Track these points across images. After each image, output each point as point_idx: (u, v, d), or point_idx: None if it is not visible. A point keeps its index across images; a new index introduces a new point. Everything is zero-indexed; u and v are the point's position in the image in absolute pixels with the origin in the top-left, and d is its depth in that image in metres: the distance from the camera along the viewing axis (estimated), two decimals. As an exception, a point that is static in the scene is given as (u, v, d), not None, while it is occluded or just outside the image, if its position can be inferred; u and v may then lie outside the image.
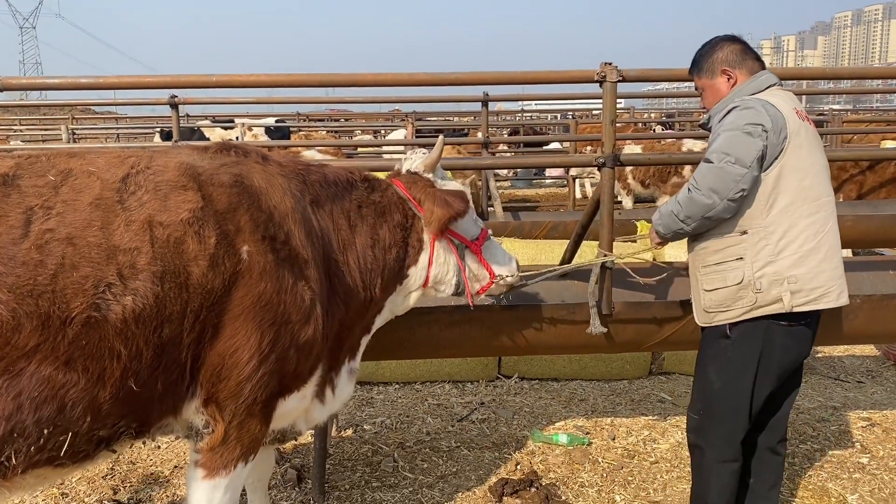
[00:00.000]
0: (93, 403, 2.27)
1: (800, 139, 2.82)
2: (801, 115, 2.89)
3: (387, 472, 4.08)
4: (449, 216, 3.08)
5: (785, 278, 2.81)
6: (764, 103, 2.82)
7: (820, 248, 2.81)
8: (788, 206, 2.80)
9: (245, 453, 2.68)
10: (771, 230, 2.81)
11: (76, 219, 2.28)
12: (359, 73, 3.43)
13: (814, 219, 2.81)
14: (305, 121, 17.18)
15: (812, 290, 2.81)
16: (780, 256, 2.81)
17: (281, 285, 2.57)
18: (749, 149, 2.76)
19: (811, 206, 2.81)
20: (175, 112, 6.57)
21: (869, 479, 4.00)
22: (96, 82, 3.29)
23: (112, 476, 3.98)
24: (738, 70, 2.99)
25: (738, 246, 2.87)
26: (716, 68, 3.03)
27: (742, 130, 2.78)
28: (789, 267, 2.80)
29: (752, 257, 2.84)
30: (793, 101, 2.94)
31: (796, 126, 2.82)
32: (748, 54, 3.02)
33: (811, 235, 2.80)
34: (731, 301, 2.91)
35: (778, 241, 2.80)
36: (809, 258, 2.80)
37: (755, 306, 2.86)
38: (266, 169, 2.80)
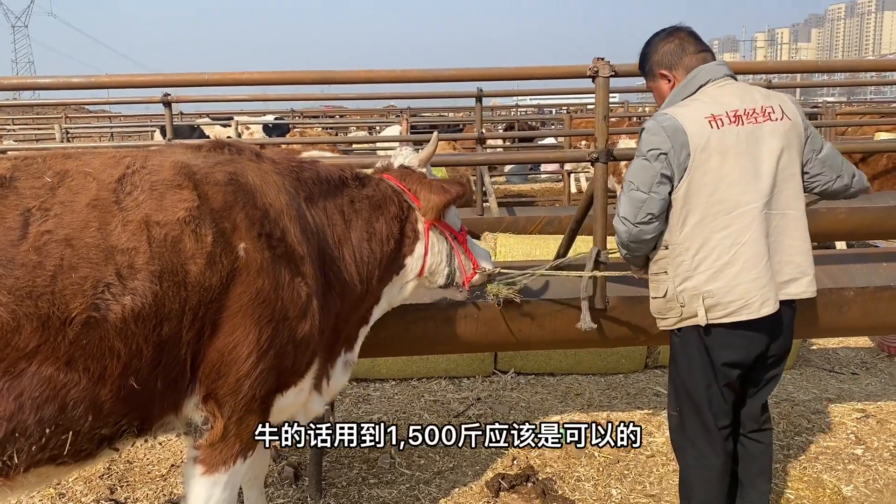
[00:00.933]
0: (94, 402, 2.29)
1: (708, 152, 2.74)
2: (720, 121, 2.76)
3: (384, 468, 4.09)
4: (447, 200, 3.16)
5: (701, 293, 2.81)
6: (665, 120, 2.78)
7: (735, 262, 2.77)
8: (700, 222, 2.79)
9: (244, 449, 2.69)
10: (686, 246, 2.82)
11: (73, 220, 2.29)
12: (351, 70, 3.43)
13: (727, 232, 2.76)
14: (300, 118, 17.15)
15: (729, 304, 2.79)
16: (696, 272, 2.81)
17: (278, 282, 2.58)
18: (646, 175, 2.81)
19: (723, 219, 2.76)
20: (168, 110, 6.56)
21: (864, 471, 4.02)
22: (88, 81, 3.29)
23: (109, 475, 3.99)
24: (674, 71, 2.95)
25: (663, 260, 2.92)
26: (654, 71, 3.01)
27: (641, 156, 2.84)
28: (705, 282, 2.80)
29: (673, 272, 2.87)
30: (719, 103, 2.80)
31: (704, 138, 2.74)
32: (685, 50, 2.94)
33: (725, 249, 2.77)
34: (665, 311, 2.97)
35: (693, 256, 2.81)
36: (724, 272, 2.77)
37: (682, 318, 2.90)
38: (260, 167, 2.81)
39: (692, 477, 3.08)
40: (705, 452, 3.01)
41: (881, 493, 3.80)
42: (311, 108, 18.77)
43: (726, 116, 2.78)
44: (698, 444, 3.02)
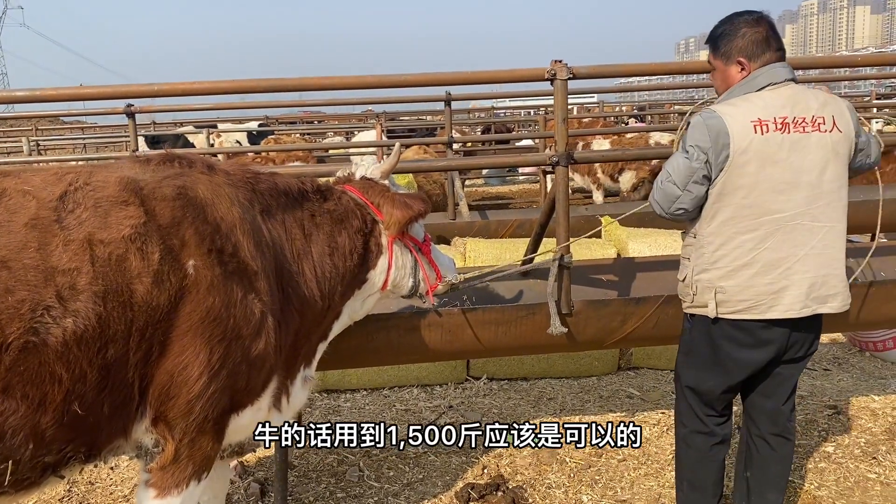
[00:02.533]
0: (35, 430, 2.20)
1: (747, 156, 2.75)
2: (766, 127, 2.74)
3: (352, 481, 4.02)
4: (409, 217, 3.10)
5: (715, 287, 2.90)
6: (710, 118, 2.80)
7: (753, 265, 2.83)
8: (728, 221, 2.84)
9: (197, 471, 2.61)
10: (710, 240, 2.89)
11: (10, 241, 2.20)
12: (305, 77, 3.36)
13: (751, 235, 2.82)
14: (275, 124, 17.03)
15: (739, 302, 2.88)
16: (714, 266, 2.90)
17: (230, 299, 2.51)
18: (684, 171, 2.86)
19: (750, 223, 2.81)
20: (132, 121, 6.45)
21: (834, 469, 4.00)
22: (32, 95, 3.19)
23: (69, 498, 3.89)
24: (753, 63, 2.88)
25: (689, 246, 3.02)
26: (732, 55, 2.92)
27: (682, 152, 2.88)
28: (720, 277, 2.89)
29: (695, 260, 2.97)
30: (770, 108, 2.77)
31: (746, 141, 2.74)
32: (770, 45, 2.88)
33: (746, 251, 2.83)
34: (683, 294, 3.08)
35: (714, 251, 2.88)
36: (740, 272, 2.85)
37: (692, 305, 3.03)
38: (212, 179, 2.73)
39: (681, 453, 3.26)
40: (694, 433, 3.17)
41: (852, 492, 3.78)
42: (288, 115, 18.64)
43: (773, 122, 2.76)
44: (689, 424, 3.18)
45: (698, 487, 3.19)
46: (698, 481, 3.19)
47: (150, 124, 13.95)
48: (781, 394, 3.11)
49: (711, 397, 3.11)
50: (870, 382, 5.27)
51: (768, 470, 3.17)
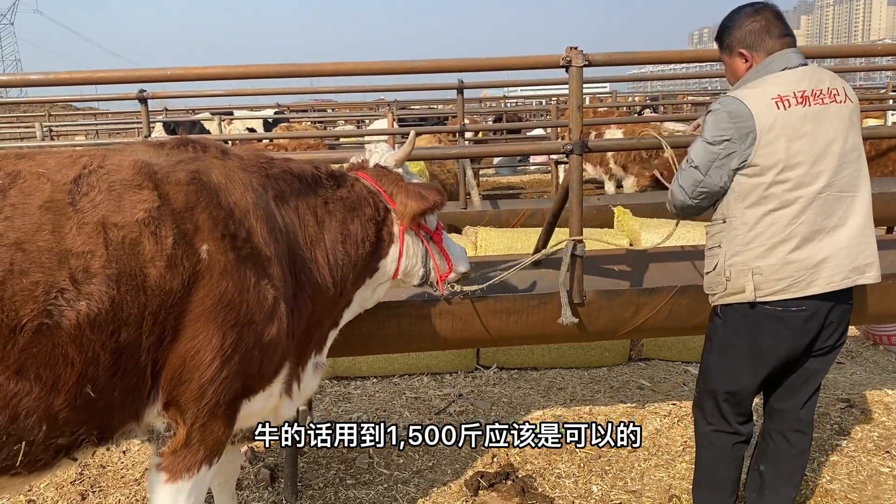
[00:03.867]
0: (48, 412, 2.21)
1: (774, 133, 2.74)
2: (787, 102, 2.76)
3: (362, 468, 4.02)
4: (423, 208, 3.07)
5: (750, 269, 2.84)
6: (730, 104, 2.79)
7: (789, 240, 2.79)
8: (761, 200, 2.81)
9: (209, 456, 2.61)
10: (743, 220, 2.85)
11: (25, 223, 2.20)
12: (316, 63, 3.35)
13: (785, 211, 2.78)
14: (287, 112, 17.02)
15: (778, 281, 2.82)
16: (748, 247, 2.84)
17: (243, 284, 2.50)
18: (706, 157, 2.86)
19: (784, 199, 2.78)
20: (144, 107, 6.45)
21: (847, 462, 3.97)
22: (46, 79, 3.19)
23: (81, 481, 3.91)
24: (754, 52, 2.90)
25: (720, 234, 2.95)
26: (733, 48, 2.95)
27: (705, 139, 2.87)
28: (755, 258, 2.83)
29: (727, 245, 2.91)
30: (788, 84, 2.79)
31: (770, 119, 2.74)
32: (770, 32, 2.88)
33: (781, 228, 2.79)
34: (714, 285, 3.00)
35: (747, 231, 2.84)
36: (776, 250, 2.81)
37: (726, 293, 2.95)
38: (226, 164, 2.73)
39: (702, 451, 3.18)
40: (718, 430, 3.11)
41: (865, 486, 3.76)
42: (300, 103, 18.65)
43: (793, 97, 2.78)
44: (713, 422, 3.11)
45: (717, 485, 3.15)
46: (718, 479, 3.15)
47: (163, 111, 13.96)
48: (806, 391, 3.07)
49: (742, 396, 3.06)
50: (883, 376, 5.23)
51: (784, 465, 3.14)
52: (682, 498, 3.65)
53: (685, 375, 5.29)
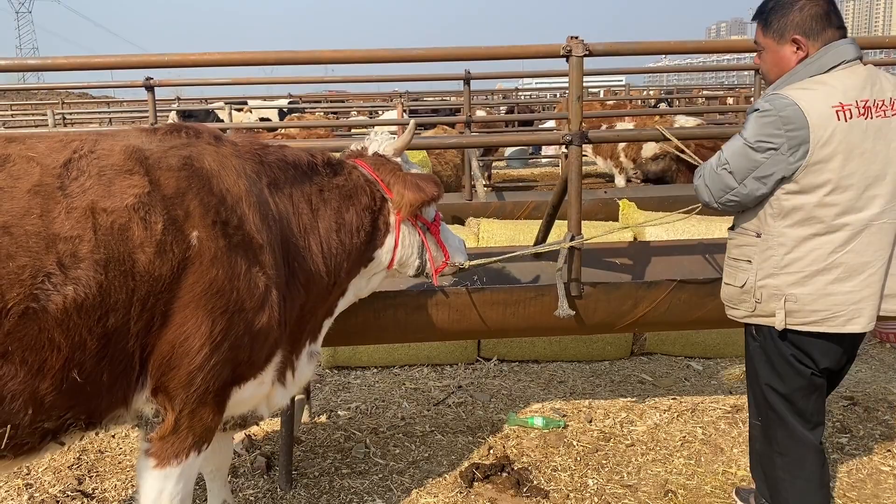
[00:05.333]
0: (34, 396, 2.21)
1: (829, 149, 2.43)
2: (849, 112, 2.43)
3: (358, 458, 4.02)
4: (421, 200, 3.05)
5: (784, 295, 2.59)
6: (785, 108, 2.46)
7: (831, 270, 2.52)
8: (805, 221, 2.53)
9: (197, 442, 2.61)
10: (781, 241, 2.59)
11: (13, 207, 2.20)
12: (317, 50, 3.33)
13: (830, 237, 2.51)
14: (299, 102, 17.01)
15: (812, 313, 2.57)
16: (784, 271, 2.59)
17: (233, 271, 2.49)
18: (746, 165, 2.56)
19: (831, 223, 2.50)
20: (151, 95, 6.45)
21: (847, 460, 3.93)
22: (44, 63, 3.19)
23: (79, 465, 3.93)
24: (811, 41, 2.55)
25: (751, 247, 2.69)
26: (786, 33, 2.58)
27: (748, 143, 2.55)
28: (791, 284, 2.58)
29: (759, 264, 2.65)
30: (850, 90, 2.46)
31: (828, 132, 2.42)
32: (830, 21, 2.54)
33: (822, 255, 2.52)
34: (737, 301, 2.78)
35: (785, 254, 2.58)
36: (815, 279, 2.54)
37: (754, 314, 2.73)
38: (219, 150, 2.71)
39: (786, 490, 2.82)
40: (798, 461, 2.77)
41: (864, 484, 3.71)
42: (313, 93, 18.63)
43: (855, 107, 2.44)
44: (789, 453, 2.79)
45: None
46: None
47: (175, 100, 13.98)
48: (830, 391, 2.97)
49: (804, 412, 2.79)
50: (889, 374, 5.16)
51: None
52: (677, 493, 3.62)
53: (687, 370, 5.25)
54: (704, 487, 3.68)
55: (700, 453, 4.01)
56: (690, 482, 3.73)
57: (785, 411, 2.78)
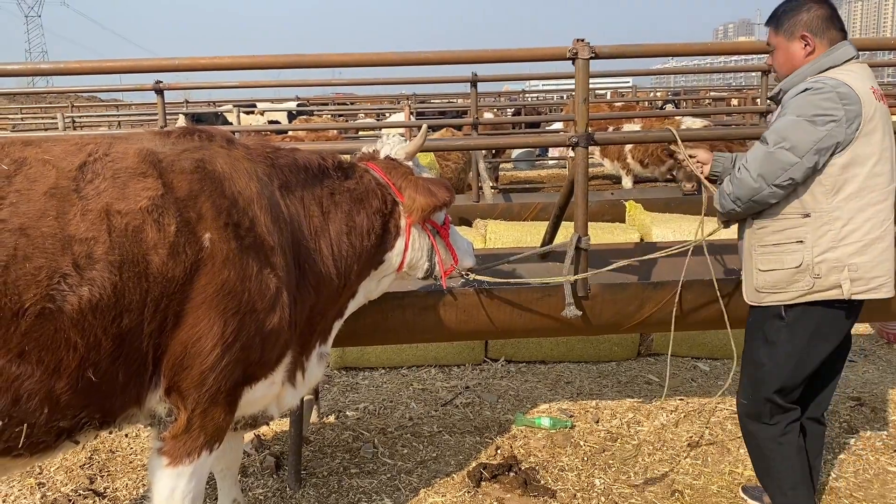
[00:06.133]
0: (49, 395, 2.25)
1: (873, 123, 2.70)
2: (876, 95, 2.74)
3: (366, 458, 4.05)
4: (433, 205, 3.08)
5: (846, 265, 2.75)
6: (839, 86, 2.69)
7: (885, 237, 2.74)
8: (856, 193, 2.72)
9: (209, 441, 2.65)
10: (836, 216, 2.74)
11: (30, 209, 2.24)
12: (323, 54, 3.37)
13: (882, 206, 2.73)
14: (307, 104, 17.07)
15: (872, 279, 2.76)
16: (842, 243, 2.75)
17: (245, 273, 2.53)
18: (808, 138, 2.70)
19: (880, 193, 2.73)
20: (160, 98, 6.51)
21: (853, 460, 3.94)
22: (56, 68, 3.24)
23: (90, 465, 3.97)
24: (818, 39, 2.82)
25: (799, 228, 2.81)
26: (795, 31, 2.85)
27: (806, 118, 2.70)
28: (851, 255, 2.74)
29: (814, 241, 2.78)
30: (869, 77, 2.79)
31: (871, 109, 2.70)
32: (833, 23, 2.84)
33: (877, 224, 2.73)
34: (787, 283, 2.87)
35: (842, 227, 2.74)
36: (873, 247, 2.74)
37: (811, 291, 2.83)
38: (231, 153, 2.75)
39: (775, 459, 3.08)
40: (785, 429, 3.05)
41: (871, 484, 3.72)
42: (321, 96, 18.69)
43: (878, 92, 2.77)
44: (779, 423, 3.05)
45: (800, 482, 3.09)
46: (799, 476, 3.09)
47: (183, 103, 14.06)
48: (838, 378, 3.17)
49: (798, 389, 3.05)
50: (895, 375, 5.18)
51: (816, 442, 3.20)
52: (684, 493, 3.64)
53: (694, 371, 5.26)
54: (711, 487, 3.69)
55: (707, 453, 4.03)
56: (697, 482, 3.75)
57: (781, 390, 3.00)
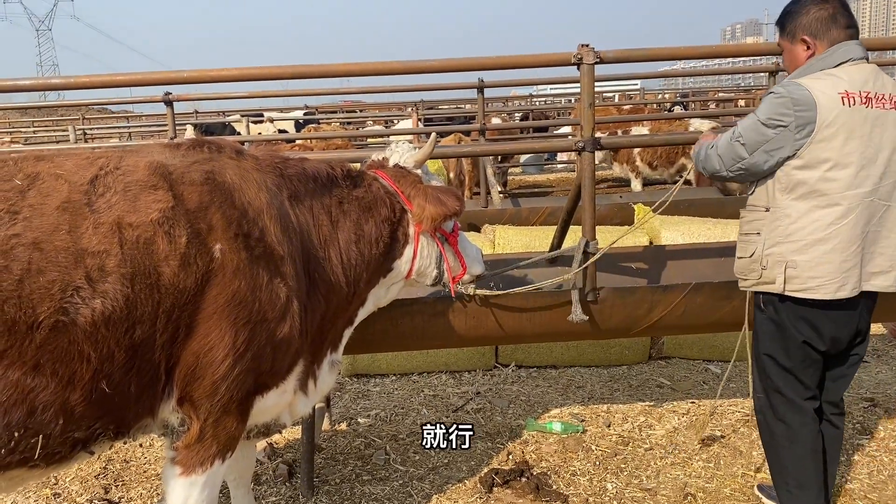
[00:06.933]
0: (64, 406, 2.27)
1: (833, 129, 2.73)
2: (853, 99, 2.75)
3: (378, 465, 4.06)
4: (442, 214, 3.10)
5: (786, 261, 2.86)
6: (796, 91, 2.76)
7: (828, 240, 2.79)
8: (808, 194, 2.81)
9: (222, 451, 2.67)
10: (787, 213, 2.85)
11: (43, 223, 2.27)
12: (328, 64, 3.40)
13: (830, 211, 2.78)
14: (316, 113, 17.17)
15: (809, 279, 2.83)
16: (788, 239, 2.85)
17: (255, 283, 2.55)
18: (758, 139, 2.83)
19: (830, 197, 2.78)
20: (170, 109, 6.56)
21: (868, 462, 3.91)
22: (67, 83, 3.28)
23: (105, 475, 4.01)
24: (818, 40, 2.88)
25: (760, 221, 2.95)
26: (796, 33, 2.93)
27: (760, 120, 2.84)
28: (793, 252, 2.84)
29: (767, 234, 2.92)
30: (855, 82, 2.78)
31: (832, 116, 2.73)
32: (836, 22, 2.87)
33: (822, 226, 2.80)
34: (747, 272, 3.02)
35: (790, 224, 2.84)
36: (814, 247, 2.81)
37: (759, 282, 2.98)
38: (240, 164, 2.78)
39: (785, 456, 3.10)
40: (796, 429, 3.06)
41: (885, 485, 3.69)
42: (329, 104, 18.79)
43: (859, 96, 2.77)
44: (789, 421, 3.07)
45: (807, 483, 3.08)
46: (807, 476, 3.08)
47: (193, 113, 14.16)
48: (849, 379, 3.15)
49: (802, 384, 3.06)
50: (910, 375, 5.14)
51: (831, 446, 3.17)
52: (696, 496, 3.63)
53: (705, 374, 5.25)
54: (724, 490, 3.68)
55: (719, 456, 4.01)
56: (710, 485, 3.73)
57: (784, 381, 3.05)
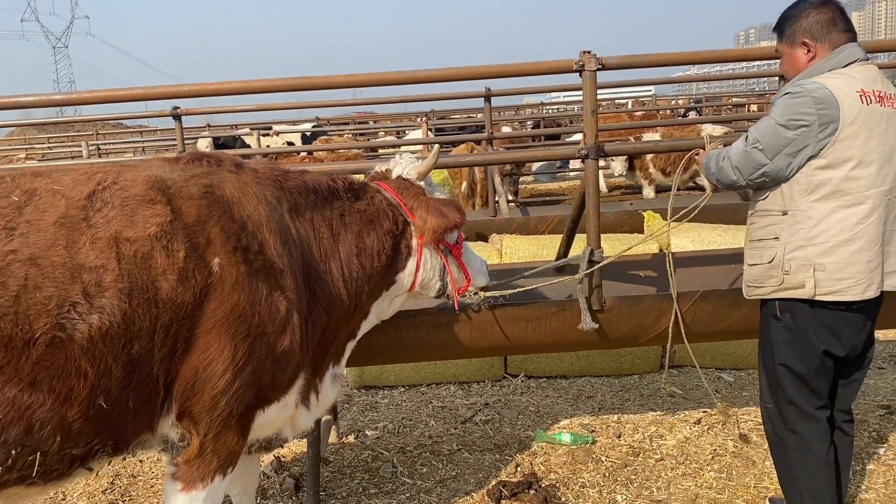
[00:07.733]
0: (62, 423, 2.26)
1: (855, 127, 2.70)
2: (869, 98, 2.74)
3: (385, 478, 4.03)
4: (444, 227, 3.07)
5: (813, 265, 2.79)
6: (817, 90, 2.72)
7: (855, 240, 2.75)
8: (831, 194, 2.76)
9: (222, 465, 2.65)
10: (808, 215, 2.79)
11: (40, 239, 2.26)
12: (330, 76, 3.39)
13: (856, 210, 2.74)
14: (327, 125, 17.21)
15: (838, 281, 2.77)
16: (812, 242, 2.79)
17: (255, 297, 2.53)
18: (778, 142, 2.77)
19: (856, 196, 2.74)
20: (178, 123, 6.60)
21: (884, 471, 3.83)
22: (69, 98, 3.30)
23: (112, 490, 4.00)
24: (819, 43, 2.86)
25: (777, 225, 2.88)
26: (796, 38, 2.90)
27: (779, 122, 2.77)
28: (819, 254, 2.78)
29: (787, 239, 2.84)
30: (870, 80, 2.78)
31: (854, 114, 2.70)
32: (835, 25, 2.86)
33: (849, 226, 2.75)
34: (764, 278, 2.94)
35: (813, 226, 2.78)
36: (842, 248, 2.75)
37: (781, 287, 2.89)
38: (239, 178, 2.76)
39: (797, 467, 3.03)
40: (809, 440, 2.99)
41: (902, 495, 3.62)
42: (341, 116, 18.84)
43: (873, 94, 2.75)
44: (801, 431, 3.00)
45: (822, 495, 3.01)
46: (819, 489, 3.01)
47: (205, 126, 14.25)
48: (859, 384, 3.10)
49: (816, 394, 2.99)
50: (927, 382, 5.04)
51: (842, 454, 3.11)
52: (708, 508, 3.56)
53: (717, 382, 5.17)
54: (736, 501, 3.62)
55: (731, 466, 3.95)
56: (721, 496, 3.67)
57: (797, 391, 2.97)
